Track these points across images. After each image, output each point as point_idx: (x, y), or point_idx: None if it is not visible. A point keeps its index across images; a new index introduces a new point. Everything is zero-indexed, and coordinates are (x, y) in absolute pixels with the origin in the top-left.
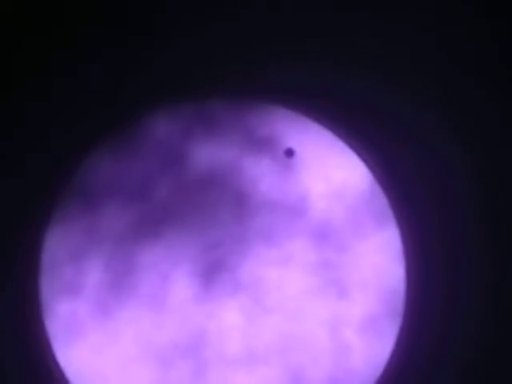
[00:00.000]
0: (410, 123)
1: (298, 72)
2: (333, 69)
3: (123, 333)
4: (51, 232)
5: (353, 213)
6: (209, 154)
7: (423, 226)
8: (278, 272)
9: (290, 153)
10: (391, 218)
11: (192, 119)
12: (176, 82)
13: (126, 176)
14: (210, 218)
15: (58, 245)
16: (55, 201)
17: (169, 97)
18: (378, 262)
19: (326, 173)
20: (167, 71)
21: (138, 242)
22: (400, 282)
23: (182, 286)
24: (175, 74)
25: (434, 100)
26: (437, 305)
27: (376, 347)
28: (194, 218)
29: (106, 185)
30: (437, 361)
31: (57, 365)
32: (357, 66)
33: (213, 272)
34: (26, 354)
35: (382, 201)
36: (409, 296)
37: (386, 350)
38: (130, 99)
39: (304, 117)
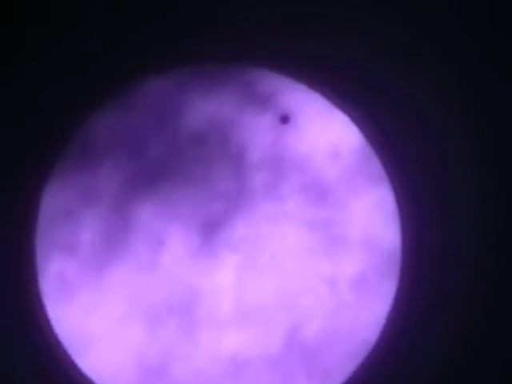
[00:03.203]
0: (400, 84)
1: (289, 37)
2: (324, 34)
3: (116, 291)
4: (48, 190)
5: (346, 172)
6: (205, 111)
7: (416, 185)
8: (272, 230)
9: (285, 119)
10: (384, 177)
11: (188, 78)
12: (172, 45)
13: (123, 134)
14: (205, 176)
15: (54, 203)
16: (52, 159)
17: (166, 59)
18: (373, 220)
19: (319, 134)
20: (164, 33)
21: (134, 200)
22: (395, 241)
23: (176, 244)
24: (172, 37)
25: (424, 61)
26: (432, 263)
27: (372, 307)
28: (189, 175)
29: (104, 143)
30: (433, 320)
31: (48, 323)
32: (349, 31)
33: (208, 230)
34: (18, 311)
35: (374, 161)
36: (404, 255)
37: (383, 311)
38: (127, 60)
39: (297, 81)
